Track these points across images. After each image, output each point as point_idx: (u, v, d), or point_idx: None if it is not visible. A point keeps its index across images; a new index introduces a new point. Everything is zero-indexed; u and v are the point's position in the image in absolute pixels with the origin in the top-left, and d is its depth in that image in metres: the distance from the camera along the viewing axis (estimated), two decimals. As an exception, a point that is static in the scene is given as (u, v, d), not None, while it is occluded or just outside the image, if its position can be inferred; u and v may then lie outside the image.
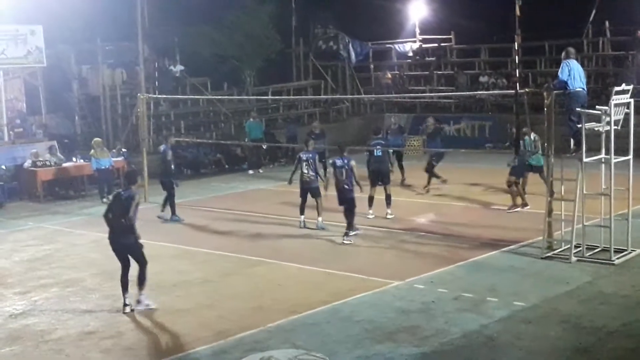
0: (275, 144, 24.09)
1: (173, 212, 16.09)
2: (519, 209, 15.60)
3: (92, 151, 18.93)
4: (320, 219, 14.71)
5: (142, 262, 10.36)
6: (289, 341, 9.00)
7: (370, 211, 15.50)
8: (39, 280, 12.08)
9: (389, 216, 15.44)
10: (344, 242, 13.58)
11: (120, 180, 20.40)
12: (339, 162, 14.05)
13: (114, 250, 10.44)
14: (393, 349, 8.65)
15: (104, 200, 18.85)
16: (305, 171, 14.61)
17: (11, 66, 21.09)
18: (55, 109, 23.65)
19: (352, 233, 13.80)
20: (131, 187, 10.54)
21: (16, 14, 21.06)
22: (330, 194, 14.63)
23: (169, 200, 16.15)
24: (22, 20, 21.06)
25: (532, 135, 15.64)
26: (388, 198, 15.56)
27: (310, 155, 14.75)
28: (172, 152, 16.45)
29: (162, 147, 16.72)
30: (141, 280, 10.33)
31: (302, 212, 14.94)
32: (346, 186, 13.91)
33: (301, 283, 11.39)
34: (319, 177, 14.87)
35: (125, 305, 10.30)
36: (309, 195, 14.78)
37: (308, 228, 14.82)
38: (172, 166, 16.33)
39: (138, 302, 10.30)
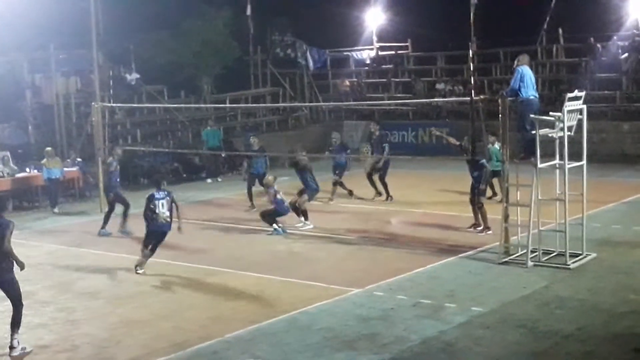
0: (234, 152, 23.95)
1: (103, 226, 15.60)
2: (490, 231, 14.20)
3: (44, 160, 18.61)
4: None
5: (18, 302, 9.25)
6: (248, 351, 8.93)
7: None
8: (-9, 293, 11.78)
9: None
10: (137, 272, 12.48)
11: (75, 190, 20.20)
12: (158, 195, 12.59)
13: None
14: (352, 357, 8.64)
15: (55, 210, 18.54)
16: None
17: (-39, 75, 20.62)
18: (7, 118, 23.14)
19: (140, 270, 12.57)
20: (1, 214, 9.43)
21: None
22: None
23: (107, 214, 15.69)
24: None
25: (497, 145, 14.92)
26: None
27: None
28: (116, 164, 15.93)
29: (110, 160, 16.19)
30: (16, 321, 9.20)
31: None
32: (167, 220, 12.56)
33: (260, 292, 11.30)
34: None
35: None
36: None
37: (268, 235, 14.80)
38: (117, 179, 15.88)
39: (11, 347, 9.14)
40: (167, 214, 12.58)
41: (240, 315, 10.16)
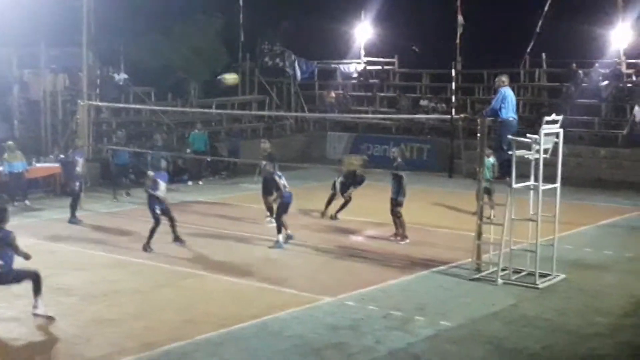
0: (218, 157, 24.04)
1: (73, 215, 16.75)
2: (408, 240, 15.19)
3: (5, 155, 18.57)
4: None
5: (30, 276, 10.27)
6: (217, 354, 9.03)
7: None
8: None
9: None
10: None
11: (55, 186, 20.19)
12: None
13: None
14: (319, 365, 8.77)
15: (27, 202, 18.52)
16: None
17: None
18: (-7, 112, 23.18)
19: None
20: (3, 226, 10.12)
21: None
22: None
23: (74, 203, 16.83)
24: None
25: (492, 159, 15.20)
26: None
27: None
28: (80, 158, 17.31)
29: (70, 153, 17.45)
30: (36, 289, 10.28)
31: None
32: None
33: (233, 296, 11.42)
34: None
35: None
36: None
37: (244, 242, 14.91)
38: (79, 169, 17.19)
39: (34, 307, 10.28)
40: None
41: (212, 319, 10.27)
